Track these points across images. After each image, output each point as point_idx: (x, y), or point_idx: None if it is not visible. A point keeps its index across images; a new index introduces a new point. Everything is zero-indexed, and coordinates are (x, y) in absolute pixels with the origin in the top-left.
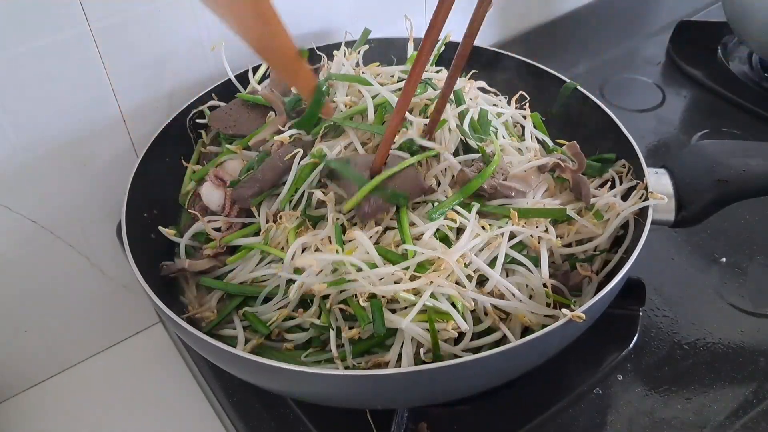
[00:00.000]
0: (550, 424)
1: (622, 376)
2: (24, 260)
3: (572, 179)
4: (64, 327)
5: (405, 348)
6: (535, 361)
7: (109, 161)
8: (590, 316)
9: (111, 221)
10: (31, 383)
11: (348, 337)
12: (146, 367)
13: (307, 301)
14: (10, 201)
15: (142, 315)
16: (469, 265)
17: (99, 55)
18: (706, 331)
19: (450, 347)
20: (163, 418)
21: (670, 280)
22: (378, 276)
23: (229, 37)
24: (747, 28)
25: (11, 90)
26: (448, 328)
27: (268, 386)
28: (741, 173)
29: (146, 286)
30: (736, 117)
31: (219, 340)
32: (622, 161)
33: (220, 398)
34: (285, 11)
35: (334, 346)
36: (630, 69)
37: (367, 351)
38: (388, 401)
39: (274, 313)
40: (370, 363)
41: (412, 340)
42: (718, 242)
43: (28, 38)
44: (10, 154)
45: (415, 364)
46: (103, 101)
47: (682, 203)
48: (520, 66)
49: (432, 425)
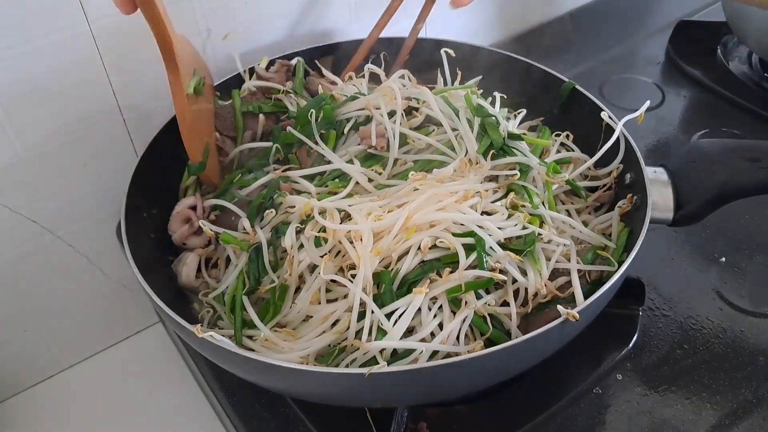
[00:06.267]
0: (550, 424)
1: (622, 375)
2: (24, 260)
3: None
4: (64, 327)
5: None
6: (535, 359)
7: (109, 161)
8: (588, 315)
9: (111, 221)
10: (31, 383)
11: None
12: (146, 367)
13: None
14: (10, 201)
15: (142, 315)
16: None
17: (99, 55)
18: (706, 331)
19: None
20: (163, 418)
21: (670, 280)
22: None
23: (235, 32)
24: (747, 28)
25: (11, 90)
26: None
27: (267, 385)
28: (740, 172)
29: (146, 285)
30: (736, 117)
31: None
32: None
33: (220, 398)
34: (284, 11)
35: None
36: (630, 69)
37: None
38: (387, 399)
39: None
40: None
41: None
42: (717, 242)
43: (28, 38)
44: (10, 154)
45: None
46: (103, 101)
47: (680, 202)
48: (520, 66)
49: (431, 425)
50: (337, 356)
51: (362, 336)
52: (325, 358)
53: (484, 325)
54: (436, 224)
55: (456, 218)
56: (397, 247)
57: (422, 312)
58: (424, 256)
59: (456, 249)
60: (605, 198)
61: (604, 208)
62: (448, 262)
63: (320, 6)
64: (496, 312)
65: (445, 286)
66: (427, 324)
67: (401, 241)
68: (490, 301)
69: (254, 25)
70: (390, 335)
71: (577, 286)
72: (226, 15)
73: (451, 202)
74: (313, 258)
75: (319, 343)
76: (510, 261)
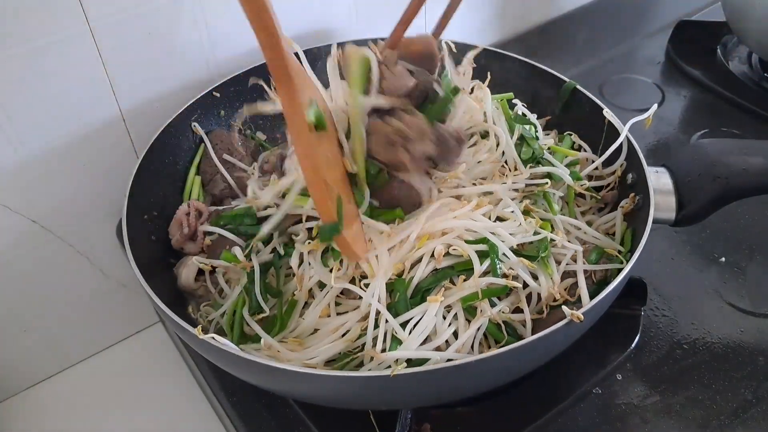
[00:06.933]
0: (552, 425)
1: (622, 375)
2: (24, 260)
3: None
4: (64, 326)
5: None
6: (541, 360)
7: (109, 161)
8: (593, 316)
9: (111, 221)
10: (31, 382)
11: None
12: (146, 367)
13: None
14: (10, 201)
15: (142, 315)
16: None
17: (99, 55)
18: (706, 331)
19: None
20: (163, 418)
21: (670, 280)
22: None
23: (229, 36)
24: (746, 27)
25: (11, 90)
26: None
27: (269, 387)
28: (741, 171)
29: (146, 285)
30: (736, 117)
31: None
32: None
33: (220, 398)
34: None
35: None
36: (630, 69)
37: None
38: (392, 402)
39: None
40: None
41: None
42: (717, 242)
43: (28, 38)
44: (9, 154)
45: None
46: (103, 101)
47: (682, 202)
48: (520, 66)
49: (435, 426)
50: (346, 363)
51: (377, 345)
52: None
53: (499, 333)
54: (448, 232)
55: (468, 225)
56: (410, 255)
57: (437, 320)
58: (438, 264)
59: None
60: (608, 198)
61: (607, 207)
62: (461, 269)
63: (320, 6)
64: (510, 319)
65: (460, 294)
66: (442, 332)
67: (414, 249)
68: (504, 308)
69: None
70: (406, 344)
71: (583, 287)
72: (226, 13)
73: (465, 211)
74: (321, 276)
75: (328, 352)
76: (523, 267)
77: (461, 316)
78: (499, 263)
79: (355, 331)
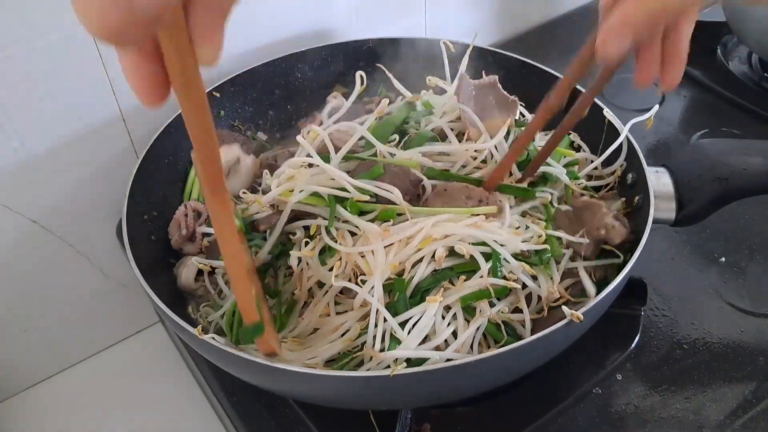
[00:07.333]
0: (552, 425)
1: (622, 375)
2: (24, 260)
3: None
4: (64, 326)
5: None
6: (541, 360)
7: (109, 161)
8: (592, 316)
9: (111, 221)
10: (31, 382)
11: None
12: (146, 367)
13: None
14: (10, 201)
15: (142, 315)
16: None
17: (99, 55)
18: (706, 331)
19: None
20: (163, 418)
21: (670, 280)
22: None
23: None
24: (746, 28)
25: (11, 90)
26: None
27: (269, 387)
28: (741, 171)
29: (146, 285)
30: (736, 117)
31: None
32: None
33: (220, 398)
34: (283, 10)
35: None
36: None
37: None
38: (392, 402)
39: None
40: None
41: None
42: (717, 242)
43: (28, 38)
44: (10, 154)
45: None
46: (103, 101)
47: (682, 202)
48: (520, 66)
49: (435, 426)
50: (345, 363)
51: (375, 344)
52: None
53: (498, 333)
54: (450, 235)
55: (470, 231)
56: (411, 255)
57: (436, 320)
58: (439, 265)
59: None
60: (608, 198)
61: None
62: (461, 271)
63: (320, 6)
64: (509, 319)
65: (460, 294)
66: (441, 332)
67: (416, 250)
68: (503, 309)
69: (254, 24)
70: (405, 344)
71: (586, 279)
72: None
73: (472, 222)
74: (320, 276)
75: (328, 352)
76: (523, 271)
77: (460, 316)
78: (499, 266)
79: (355, 330)
